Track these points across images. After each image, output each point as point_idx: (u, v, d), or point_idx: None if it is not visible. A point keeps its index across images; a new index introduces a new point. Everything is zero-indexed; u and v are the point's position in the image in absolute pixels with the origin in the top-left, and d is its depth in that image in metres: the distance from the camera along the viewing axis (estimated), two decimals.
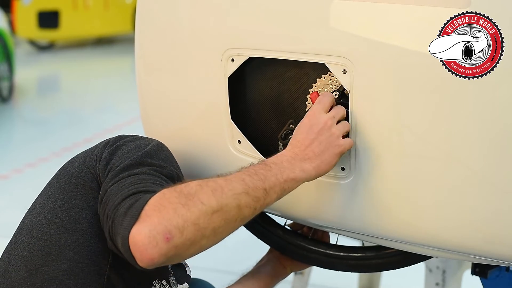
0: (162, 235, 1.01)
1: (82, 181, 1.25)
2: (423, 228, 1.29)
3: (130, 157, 1.22)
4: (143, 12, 1.58)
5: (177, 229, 1.02)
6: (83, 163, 1.28)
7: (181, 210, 1.04)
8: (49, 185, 1.31)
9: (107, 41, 11.04)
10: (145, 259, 1.02)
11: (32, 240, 1.22)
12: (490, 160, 1.19)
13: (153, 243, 1.01)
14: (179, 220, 1.03)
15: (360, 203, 1.34)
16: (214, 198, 1.07)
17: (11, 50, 6.76)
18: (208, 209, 1.06)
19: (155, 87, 1.60)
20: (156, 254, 1.01)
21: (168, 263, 1.06)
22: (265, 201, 1.14)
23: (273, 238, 1.62)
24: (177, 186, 1.09)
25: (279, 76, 1.44)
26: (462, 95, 1.18)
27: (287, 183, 1.18)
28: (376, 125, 1.28)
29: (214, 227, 1.06)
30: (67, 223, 1.21)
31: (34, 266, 1.18)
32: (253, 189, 1.12)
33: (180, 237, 1.02)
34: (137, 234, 1.02)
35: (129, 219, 1.04)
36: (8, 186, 4.34)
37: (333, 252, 1.55)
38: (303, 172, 1.21)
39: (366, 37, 1.25)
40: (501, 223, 1.22)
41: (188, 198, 1.06)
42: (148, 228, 1.02)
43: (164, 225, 1.02)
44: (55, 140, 5.43)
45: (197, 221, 1.04)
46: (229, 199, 1.08)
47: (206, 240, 1.06)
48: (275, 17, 1.35)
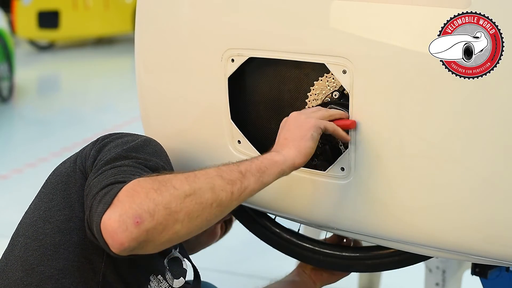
0: (132, 219, 1.02)
1: (73, 180, 1.26)
2: (423, 228, 1.29)
3: (115, 152, 1.23)
4: (143, 12, 1.58)
5: (147, 213, 1.02)
6: (74, 162, 1.29)
7: (152, 194, 1.04)
8: (43, 187, 1.32)
9: (107, 41, 11.03)
10: (116, 244, 1.03)
11: (28, 240, 1.23)
12: (490, 160, 1.19)
13: (123, 227, 1.02)
14: (150, 204, 1.03)
15: (360, 203, 1.34)
16: (186, 183, 1.07)
17: (11, 50, 6.75)
18: (181, 193, 1.06)
19: (155, 87, 1.60)
20: (126, 239, 1.02)
21: (142, 250, 1.06)
22: (243, 184, 1.12)
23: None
24: (152, 175, 1.10)
25: (279, 76, 1.44)
26: (462, 95, 1.18)
27: (264, 163, 1.17)
28: (376, 125, 1.27)
29: (187, 211, 1.05)
30: (61, 223, 1.22)
31: (30, 266, 1.19)
32: (227, 172, 1.12)
33: (151, 221, 1.02)
34: (108, 219, 1.03)
35: (102, 206, 1.05)
36: (8, 186, 4.34)
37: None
38: (280, 154, 1.21)
39: (366, 37, 1.25)
40: (501, 223, 1.22)
41: (161, 184, 1.06)
42: (118, 213, 1.03)
43: (135, 209, 1.02)
44: (55, 140, 5.43)
45: (168, 205, 1.04)
46: (202, 183, 1.08)
47: (181, 225, 1.05)
48: (275, 17, 1.35)
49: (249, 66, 1.44)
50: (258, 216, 1.62)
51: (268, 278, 1.69)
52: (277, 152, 1.22)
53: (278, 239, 1.61)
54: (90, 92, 7.58)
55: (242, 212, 1.63)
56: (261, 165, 1.17)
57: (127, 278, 1.23)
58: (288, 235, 1.61)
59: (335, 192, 1.36)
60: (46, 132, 5.84)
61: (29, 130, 5.98)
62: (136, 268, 1.25)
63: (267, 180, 1.17)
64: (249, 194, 1.14)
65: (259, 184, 1.15)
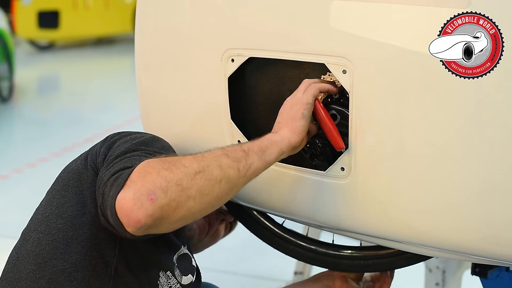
0: (146, 196, 1.04)
1: (85, 177, 1.28)
2: (423, 228, 1.29)
3: (125, 146, 1.25)
4: (143, 12, 1.58)
5: (160, 190, 1.05)
6: (85, 159, 1.32)
7: (163, 172, 1.07)
8: (55, 184, 1.34)
9: (107, 41, 11.03)
10: (132, 221, 1.05)
11: (40, 235, 1.25)
12: (490, 160, 1.19)
13: (138, 204, 1.04)
14: (162, 181, 1.06)
15: (359, 203, 1.34)
16: (195, 161, 1.11)
17: (11, 50, 6.75)
18: (190, 170, 1.09)
19: (155, 87, 1.60)
20: (142, 215, 1.04)
21: (157, 229, 1.08)
22: (247, 161, 1.17)
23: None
24: (160, 156, 1.14)
25: (279, 76, 1.44)
26: (462, 95, 1.18)
27: (263, 143, 1.22)
28: (376, 125, 1.27)
29: (198, 188, 1.09)
30: (73, 218, 1.24)
31: (43, 260, 1.22)
32: (231, 151, 1.17)
33: (164, 197, 1.05)
34: (122, 198, 1.06)
35: (115, 189, 1.08)
36: (8, 186, 4.34)
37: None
38: (277, 134, 1.26)
39: (366, 37, 1.25)
40: (501, 223, 1.22)
41: (171, 163, 1.10)
42: (132, 191, 1.05)
43: (148, 187, 1.05)
44: (55, 140, 5.43)
45: (180, 182, 1.07)
46: (209, 161, 1.12)
47: (193, 202, 1.08)
48: (275, 17, 1.35)
49: (249, 66, 1.44)
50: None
51: (268, 278, 1.69)
52: (274, 133, 1.27)
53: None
54: (90, 92, 7.58)
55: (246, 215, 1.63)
56: (262, 144, 1.22)
57: (137, 273, 1.26)
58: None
59: (335, 192, 1.36)
60: (46, 132, 5.85)
61: (29, 130, 5.98)
62: (147, 264, 1.28)
63: (269, 159, 1.22)
64: (254, 172, 1.18)
65: (262, 162, 1.20)
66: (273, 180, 1.45)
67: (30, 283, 1.21)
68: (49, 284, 1.20)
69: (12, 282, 1.23)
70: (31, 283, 1.20)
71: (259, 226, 1.64)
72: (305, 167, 1.41)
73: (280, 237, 1.61)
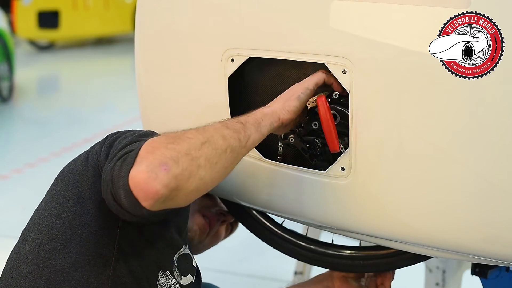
0: (159, 167, 1.05)
1: (86, 178, 1.29)
2: (423, 228, 1.29)
3: (126, 140, 1.25)
4: (143, 12, 1.58)
5: (171, 160, 1.07)
6: (85, 160, 1.32)
7: (171, 145, 1.09)
8: (54, 184, 1.34)
9: (107, 41, 11.04)
10: (150, 194, 1.05)
11: (39, 235, 1.25)
12: (490, 160, 1.19)
13: (153, 175, 1.05)
14: (172, 152, 1.08)
15: (359, 203, 1.34)
16: (198, 133, 1.14)
17: (11, 50, 6.75)
18: (196, 141, 1.12)
19: (155, 87, 1.60)
20: (159, 185, 1.05)
21: (174, 201, 1.09)
22: (246, 133, 1.20)
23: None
24: (164, 133, 1.16)
25: (279, 76, 1.44)
26: (462, 95, 1.18)
27: (257, 115, 1.26)
28: (376, 125, 1.27)
29: (206, 157, 1.11)
30: (72, 218, 1.25)
31: (41, 260, 1.22)
32: (230, 123, 1.20)
33: (177, 167, 1.07)
34: (136, 174, 1.06)
35: (125, 168, 1.08)
36: (8, 186, 4.34)
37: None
38: (268, 107, 1.30)
39: (366, 37, 1.25)
40: (501, 223, 1.22)
41: (176, 137, 1.12)
42: (144, 165, 1.06)
43: (159, 159, 1.07)
44: (55, 140, 5.43)
45: (188, 152, 1.09)
46: (212, 132, 1.16)
47: (204, 171, 1.10)
48: (275, 17, 1.35)
49: (249, 66, 1.44)
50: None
51: (268, 278, 1.69)
52: (267, 106, 1.31)
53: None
54: (90, 92, 7.57)
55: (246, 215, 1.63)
56: (256, 116, 1.26)
57: (136, 272, 1.26)
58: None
59: (335, 192, 1.36)
60: (46, 132, 5.84)
61: (29, 130, 5.98)
62: (146, 264, 1.28)
63: (264, 131, 1.25)
64: (252, 143, 1.22)
65: (258, 134, 1.24)
66: (273, 180, 1.45)
67: (29, 283, 1.21)
68: (47, 284, 1.20)
69: (11, 282, 1.23)
70: (29, 283, 1.21)
71: (259, 226, 1.64)
72: (305, 167, 1.41)
73: (280, 237, 1.61)
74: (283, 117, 1.30)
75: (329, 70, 1.31)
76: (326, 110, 1.31)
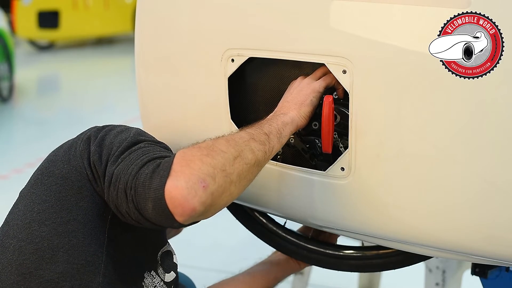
0: (198, 184, 1.04)
1: (70, 182, 1.22)
2: (423, 228, 1.29)
3: (124, 141, 1.21)
4: (143, 12, 1.58)
5: (209, 177, 1.06)
6: (68, 162, 1.25)
7: (206, 159, 1.08)
8: (33, 187, 1.27)
9: (107, 41, 11.04)
10: (187, 210, 1.04)
11: (22, 243, 1.19)
12: (490, 160, 1.19)
13: (192, 193, 1.04)
14: (208, 168, 1.07)
15: (359, 203, 1.34)
16: (230, 146, 1.13)
17: (11, 50, 6.76)
18: (230, 155, 1.11)
19: (155, 87, 1.60)
20: (197, 203, 1.04)
21: (204, 216, 1.08)
22: (270, 144, 1.21)
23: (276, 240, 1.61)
24: (192, 145, 1.13)
25: (279, 76, 1.44)
26: (462, 95, 1.18)
27: (279, 125, 1.27)
28: (376, 125, 1.27)
29: (238, 173, 1.11)
30: (58, 225, 1.19)
31: (28, 270, 1.17)
32: (256, 135, 1.20)
33: (214, 184, 1.06)
34: (174, 189, 1.04)
35: (158, 179, 1.06)
36: (8, 186, 4.33)
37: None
38: (287, 116, 1.31)
39: (366, 37, 1.25)
40: (501, 223, 1.22)
41: (209, 149, 1.10)
42: (183, 180, 1.05)
43: (197, 175, 1.05)
44: (55, 140, 5.39)
45: (224, 167, 1.09)
46: (242, 146, 1.15)
47: (234, 187, 1.10)
48: (275, 17, 1.35)
49: (249, 66, 1.44)
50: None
51: None
52: (284, 114, 1.32)
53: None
54: (90, 92, 7.57)
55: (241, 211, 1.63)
56: (278, 126, 1.27)
57: (125, 277, 1.23)
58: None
59: (335, 192, 1.36)
60: (46, 132, 5.85)
61: (29, 130, 5.98)
62: (132, 267, 1.25)
63: (283, 141, 1.27)
64: (273, 153, 1.23)
65: (279, 145, 1.25)
66: (273, 180, 1.45)
67: None
68: None
69: None
70: None
71: (259, 226, 1.64)
72: (305, 167, 1.41)
73: (280, 237, 1.61)
74: (300, 124, 1.32)
75: (329, 70, 1.31)
76: (330, 111, 1.31)
